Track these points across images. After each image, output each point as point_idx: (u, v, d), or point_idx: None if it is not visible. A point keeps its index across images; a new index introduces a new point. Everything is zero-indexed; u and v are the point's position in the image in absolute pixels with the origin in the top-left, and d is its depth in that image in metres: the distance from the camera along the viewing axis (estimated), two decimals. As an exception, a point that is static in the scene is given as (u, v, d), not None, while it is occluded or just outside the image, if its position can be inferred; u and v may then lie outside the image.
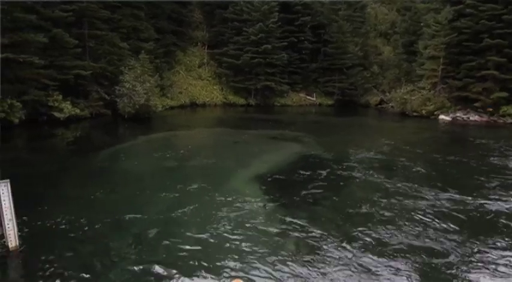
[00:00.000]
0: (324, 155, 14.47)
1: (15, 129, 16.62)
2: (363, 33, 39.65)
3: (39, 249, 6.47)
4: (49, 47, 18.44)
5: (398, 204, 8.88)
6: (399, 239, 7.09)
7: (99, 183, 10.56)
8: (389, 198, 9.27)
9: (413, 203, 8.99)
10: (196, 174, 11.84)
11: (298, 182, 10.85)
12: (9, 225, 6.18)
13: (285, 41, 32.76)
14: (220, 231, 7.35)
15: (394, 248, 6.75)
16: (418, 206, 8.80)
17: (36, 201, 8.42)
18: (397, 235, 7.27)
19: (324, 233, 7.36)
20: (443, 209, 8.62)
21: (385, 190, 10.01)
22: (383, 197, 9.38)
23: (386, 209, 8.57)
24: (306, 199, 9.50)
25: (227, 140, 17.70)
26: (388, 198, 9.27)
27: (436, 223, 7.81)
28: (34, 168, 11.59)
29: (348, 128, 23.18)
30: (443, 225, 7.68)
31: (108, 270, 5.98)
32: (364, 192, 9.93)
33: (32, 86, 17.68)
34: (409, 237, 7.15)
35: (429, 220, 7.95)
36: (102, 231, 7.34)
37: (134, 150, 15.01)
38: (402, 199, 9.22)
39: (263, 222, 7.91)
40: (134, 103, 20.26)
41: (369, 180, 11.12)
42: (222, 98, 32.31)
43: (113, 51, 22.20)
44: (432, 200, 9.18)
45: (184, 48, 33.03)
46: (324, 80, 36.47)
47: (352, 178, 11.34)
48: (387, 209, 8.61)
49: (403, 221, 7.90)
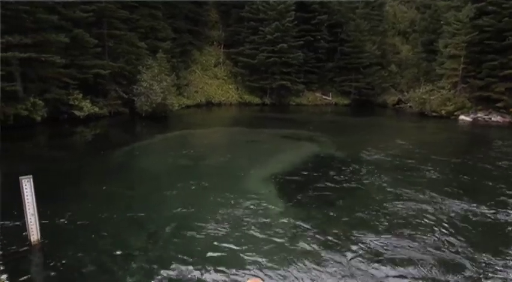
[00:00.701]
0: (339, 155, 14.34)
1: (37, 127, 17.14)
2: (381, 31, 38.99)
3: (59, 243, 6.67)
4: (70, 47, 18.91)
5: (411, 210, 8.57)
6: (410, 248, 6.78)
7: (117, 180, 10.79)
8: (402, 203, 9.01)
9: (427, 209, 8.64)
10: (211, 172, 11.93)
11: (313, 182, 10.79)
12: (31, 219, 6.39)
13: (301, 40, 32.58)
14: (234, 230, 7.39)
15: (404, 257, 6.46)
16: (431, 212, 8.46)
17: (56, 197, 8.67)
18: (409, 244, 6.92)
19: (337, 236, 7.30)
20: (457, 218, 8.19)
21: (399, 194, 9.72)
22: (397, 201, 9.12)
23: (399, 215, 8.31)
24: (319, 199, 9.45)
25: (242, 139, 17.75)
26: (402, 203, 9.01)
27: (449, 233, 7.45)
28: (55, 165, 11.92)
29: (364, 128, 22.87)
30: (457, 236, 7.28)
31: (124, 266, 6.10)
32: (377, 195, 9.68)
33: (54, 84, 18.19)
34: (421, 247, 6.80)
35: (443, 229, 7.57)
36: (119, 227, 7.50)
37: (151, 148, 15.24)
38: (416, 204, 8.92)
39: (277, 222, 7.90)
40: (151, 102, 20.56)
41: (384, 182, 10.88)
42: (238, 97, 32.41)
43: (131, 51, 22.59)
44: (446, 208, 8.77)
45: (200, 48, 33.30)
46: (340, 79, 36.10)
47: (367, 180, 11.16)
48: (400, 214, 8.34)
49: (416, 229, 7.57)
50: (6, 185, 9.94)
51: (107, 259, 6.30)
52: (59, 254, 6.33)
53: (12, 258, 6.07)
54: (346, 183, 10.68)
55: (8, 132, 15.21)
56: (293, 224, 7.85)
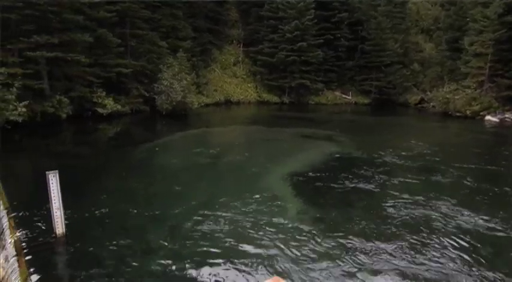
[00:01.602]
0: (358, 155, 14.14)
1: (62, 124, 17.73)
2: (403, 29, 38.08)
3: (82, 237, 6.89)
4: (94, 46, 19.45)
5: (427, 219, 8.05)
6: (418, 263, 6.32)
7: (138, 176, 11.04)
8: (419, 210, 8.60)
9: (443, 219, 8.05)
10: (230, 170, 12.03)
11: (331, 181, 10.69)
12: (57, 213, 6.63)
13: (321, 38, 32.27)
14: (251, 229, 7.43)
15: (418, 273, 6.07)
16: (448, 223, 7.85)
17: (80, 192, 8.96)
18: (423, 259, 6.42)
19: (353, 238, 7.21)
20: (471, 231, 7.50)
21: (417, 199, 9.25)
22: (413, 207, 8.77)
23: (412, 223, 7.88)
24: (337, 200, 9.37)
25: (260, 138, 17.78)
26: (418, 209, 8.61)
27: (460, 247, 6.80)
28: (79, 161, 12.31)
29: (385, 128, 22.45)
30: (474, 255, 6.55)
31: (144, 260, 6.25)
32: (395, 199, 9.33)
33: (78, 83, 18.76)
34: (434, 265, 6.25)
35: (455, 243, 6.92)
36: (139, 222, 7.67)
37: (171, 145, 15.50)
38: (432, 213, 8.32)
39: (294, 221, 7.89)
40: (171, 100, 20.88)
41: (402, 185, 10.60)
42: (256, 96, 32.44)
43: (153, 50, 23.00)
44: (464, 219, 8.13)
45: (220, 47, 33.52)
46: (361, 78, 35.52)
47: (386, 182, 10.91)
48: (414, 222, 7.90)
49: (430, 241, 7.04)
50: (33, 179, 10.37)
51: (127, 253, 6.47)
52: (82, 247, 6.55)
53: (38, 249, 6.32)
54: (364, 184, 10.51)
55: (35, 129, 15.84)
56: (310, 224, 7.81)
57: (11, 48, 16.04)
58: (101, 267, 5.97)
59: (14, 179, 10.15)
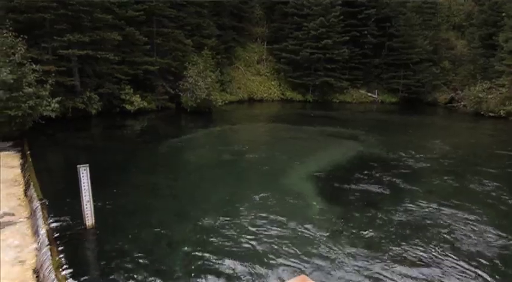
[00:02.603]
0: (383, 156, 13.84)
1: (92, 120, 18.37)
2: (434, 25, 36.71)
3: (110, 229, 7.15)
4: (122, 44, 19.98)
5: (450, 229, 7.57)
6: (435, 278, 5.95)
7: (163, 171, 11.30)
8: (442, 217, 8.14)
9: (469, 232, 7.45)
10: (253, 168, 12.08)
11: (354, 181, 10.53)
12: (87, 205, 6.91)
13: (347, 35, 31.65)
14: (274, 226, 7.45)
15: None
16: (469, 235, 7.34)
17: (108, 186, 9.26)
18: (433, 272, 6.04)
19: (377, 240, 7.09)
20: (494, 250, 6.83)
21: (443, 205, 8.80)
22: (439, 212, 8.36)
23: (433, 230, 7.43)
24: (360, 200, 9.22)
25: (283, 136, 17.73)
26: (441, 217, 8.15)
27: (478, 265, 6.26)
28: (108, 155, 12.72)
29: (412, 127, 21.81)
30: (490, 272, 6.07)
31: (168, 254, 6.42)
32: (419, 202, 9.01)
33: (107, 80, 19.35)
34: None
35: (477, 265, 6.27)
36: (164, 216, 7.87)
37: (195, 142, 15.74)
38: (455, 223, 7.85)
39: (316, 220, 7.86)
40: (196, 97, 21.16)
41: (428, 189, 10.29)
42: (280, 94, 32.31)
43: (178, 48, 23.37)
44: (486, 233, 7.45)
45: (244, 44, 33.59)
46: (388, 76, 34.57)
47: (411, 184, 10.59)
48: (435, 230, 7.44)
49: (447, 253, 6.63)
50: (65, 172, 10.82)
51: (152, 245, 6.66)
52: (110, 239, 6.80)
53: (69, 240, 6.60)
54: (388, 186, 10.28)
55: (67, 124, 16.49)
56: (333, 223, 7.76)
57: (46, 47, 16.77)
58: (128, 258, 6.17)
59: (47, 172, 10.63)
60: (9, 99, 12.42)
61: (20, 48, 13.39)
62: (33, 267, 5.86)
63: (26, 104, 12.86)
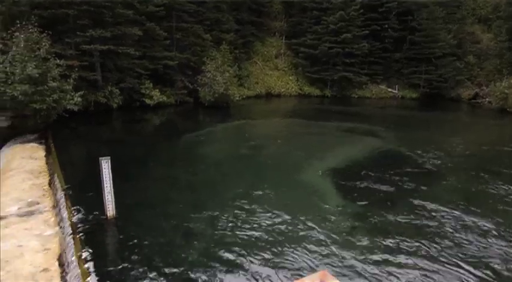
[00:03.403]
0: (402, 152, 13.55)
1: (113, 113, 18.79)
2: (458, 19, 35.44)
3: (130, 220, 7.34)
4: (142, 40, 20.27)
5: (470, 236, 7.15)
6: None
7: (182, 165, 11.48)
8: (460, 220, 7.80)
9: (492, 241, 7.02)
10: (270, 163, 12.10)
11: (371, 178, 10.39)
12: (108, 196, 7.11)
13: (367, 29, 31.00)
14: (290, 222, 7.46)
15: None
16: (494, 247, 6.83)
17: (129, 178, 9.49)
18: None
19: (394, 238, 6.99)
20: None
21: (462, 208, 8.43)
22: (458, 216, 7.97)
23: (456, 238, 7.02)
24: (378, 198, 9.09)
25: (301, 131, 17.64)
26: (459, 219, 7.82)
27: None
28: (128, 148, 13.01)
29: (433, 124, 21.25)
30: None
31: (185, 245, 6.55)
32: (439, 202, 8.69)
33: (128, 74, 19.71)
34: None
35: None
36: (182, 209, 8.01)
37: (213, 136, 15.87)
38: (478, 230, 7.39)
39: (334, 217, 7.82)
40: (214, 92, 21.28)
41: (446, 188, 10.02)
42: (297, 89, 32.07)
43: (197, 43, 23.52)
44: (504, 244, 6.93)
45: (262, 39, 33.44)
46: (409, 71, 33.70)
47: (431, 182, 10.37)
48: (457, 237, 7.06)
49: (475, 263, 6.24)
50: (87, 164, 11.14)
51: (171, 236, 6.81)
52: (130, 229, 6.99)
53: (91, 229, 6.83)
54: (407, 183, 10.09)
55: (89, 117, 16.93)
56: (350, 221, 7.70)
57: (69, 42, 17.20)
58: (147, 248, 6.34)
59: (70, 163, 10.97)
60: (35, 93, 12.83)
61: (44, 43, 13.79)
62: (57, 255, 6.10)
63: (51, 98, 13.27)
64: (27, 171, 9.83)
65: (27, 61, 12.82)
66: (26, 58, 12.89)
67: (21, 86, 12.44)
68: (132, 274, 5.63)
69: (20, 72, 12.58)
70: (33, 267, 5.66)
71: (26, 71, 12.55)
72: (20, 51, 13.01)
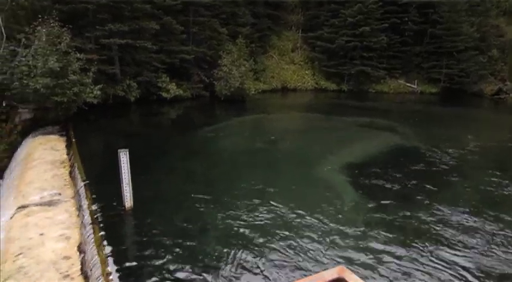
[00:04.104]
0: (420, 149, 13.27)
1: (131, 106, 19.10)
2: (482, 11, 34.21)
3: (147, 211, 7.48)
4: (160, 34, 20.43)
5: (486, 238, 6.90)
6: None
7: (198, 158, 11.60)
8: (478, 221, 7.52)
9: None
10: (285, 157, 12.08)
11: (389, 175, 10.23)
12: (126, 188, 7.26)
13: (386, 22, 30.34)
14: (305, 218, 7.45)
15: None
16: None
17: (146, 170, 9.65)
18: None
19: (411, 236, 6.90)
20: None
21: (482, 211, 8.06)
22: (477, 220, 7.63)
23: (476, 244, 6.67)
24: (395, 194, 8.95)
25: (317, 126, 17.52)
26: (478, 221, 7.55)
27: None
28: (146, 141, 13.22)
29: (454, 120, 20.72)
30: None
31: (199, 236, 6.64)
32: (457, 203, 8.44)
33: (146, 68, 19.94)
34: None
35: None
36: (198, 201, 8.10)
37: (229, 130, 15.94)
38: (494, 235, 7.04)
39: (350, 214, 7.78)
40: (230, 86, 21.32)
41: (466, 187, 9.74)
42: (314, 83, 31.75)
43: (213, 37, 23.54)
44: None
45: (278, 32, 33.18)
46: (429, 65, 32.86)
47: (449, 180, 10.12)
48: (478, 244, 6.69)
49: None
50: (106, 156, 11.39)
51: (186, 228, 6.92)
52: (147, 220, 7.13)
53: (109, 220, 7.00)
54: (425, 181, 9.88)
55: (108, 110, 17.26)
56: (367, 216, 7.63)
57: (89, 36, 17.52)
58: (163, 239, 6.47)
59: (90, 155, 11.23)
60: (56, 86, 13.14)
61: (65, 37, 14.06)
62: (77, 244, 6.29)
63: (71, 91, 13.57)
64: (49, 162, 10.14)
65: (48, 55, 13.12)
66: (47, 52, 13.19)
67: (43, 79, 12.76)
68: (148, 262, 5.77)
69: (42, 66, 12.89)
70: (55, 254, 5.86)
71: (47, 65, 12.85)
72: (42, 45, 13.32)
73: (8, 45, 14.04)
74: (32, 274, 5.32)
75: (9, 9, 15.40)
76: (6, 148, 12.95)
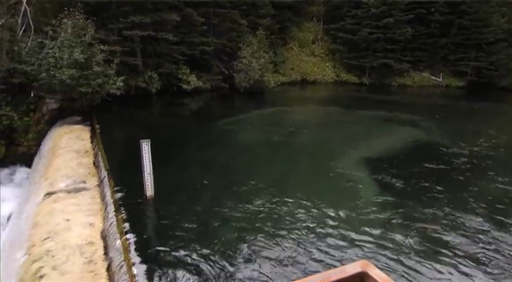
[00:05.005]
0: (445, 145, 12.91)
1: (152, 98, 19.42)
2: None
3: (168, 200, 7.65)
4: (180, 25, 20.56)
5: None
6: None
7: (217, 149, 11.72)
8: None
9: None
10: (304, 150, 12.03)
11: (411, 170, 10.03)
12: (147, 177, 7.43)
13: (411, 13, 29.39)
14: (324, 212, 7.42)
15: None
16: None
17: (167, 160, 9.83)
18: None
19: (434, 231, 6.77)
20: None
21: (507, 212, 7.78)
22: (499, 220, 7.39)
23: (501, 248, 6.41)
24: (417, 190, 8.77)
25: (337, 119, 17.31)
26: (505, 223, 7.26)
27: None
28: (167, 132, 13.44)
29: (481, 115, 19.99)
30: None
31: (218, 227, 6.75)
32: (483, 200, 8.21)
33: (167, 60, 20.18)
34: None
35: None
36: (217, 192, 8.22)
37: (248, 122, 15.98)
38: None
39: (370, 206, 7.69)
40: (249, 78, 21.29)
41: (492, 186, 9.30)
42: (334, 76, 31.27)
43: (233, 28, 23.49)
44: None
45: (299, 24, 32.75)
46: (455, 57, 31.67)
47: (474, 179, 9.77)
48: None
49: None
50: (128, 146, 11.67)
51: (205, 218, 7.04)
52: (167, 209, 7.30)
53: (131, 208, 7.20)
54: (448, 178, 9.63)
55: (130, 101, 17.62)
56: (387, 210, 7.53)
57: (112, 28, 17.85)
58: (183, 228, 6.61)
59: (113, 145, 11.54)
60: (81, 77, 13.49)
61: (89, 29, 14.38)
62: (101, 230, 6.51)
63: (95, 82, 13.91)
64: (74, 151, 10.49)
65: (74, 46, 13.47)
66: (73, 44, 13.54)
67: (68, 70, 13.13)
68: (168, 249, 5.92)
69: (68, 57, 13.26)
70: (80, 240, 6.09)
71: (73, 56, 13.20)
72: (68, 37, 13.67)
73: (36, 38, 14.48)
74: (58, 258, 5.56)
75: (37, 3, 15.85)
76: (35, 136, 13.48)
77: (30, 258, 5.62)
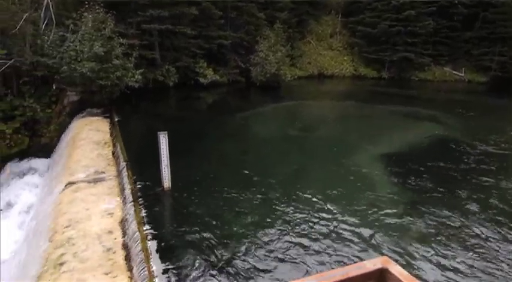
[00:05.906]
0: (466, 142, 12.52)
1: (170, 91, 19.62)
2: (544, -8, 31.20)
3: (184, 192, 7.75)
4: (198, 19, 20.61)
5: None
6: None
7: (233, 142, 11.78)
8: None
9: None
10: (320, 145, 11.94)
11: (428, 167, 9.79)
12: (165, 169, 7.54)
13: (433, 5, 28.51)
14: (340, 207, 7.37)
15: None
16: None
17: (184, 153, 9.96)
18: None
19: (450, 231, 6.61)
20: None
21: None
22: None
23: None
24: (435, 187, 8.56)
25: (354, 114, 17.08)
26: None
27: None
28: (184, 125, 13.58)
29: (505, 112, 19.30)
30: None
31: (233, 220, 6.79)
32: (502, 200, 7.92)
33: (184, 54, 20.31)
34: None
35: None
36: (232, 185, 8.26)
37: (264, 116, 15.97)
38: None
39: (387, 203, 7.59)
40: (266, 72, 21.20)
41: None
42: (352, 70, 30.78)
43: (251, 22, 23.39)
44: None
45: (317, 17, 32.30)
46: (479, 52, 30.60)
47: (495, 178, 9.37)
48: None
49: None
50: (146, 138, 11.85)
51: (221, 210, 7.10)
52: (184, 201, 7.40)
53: (149, 199, 7.33)
54: (466, 176, 9.34)
55: (148, 94, 17.86)
56: (404, 207, 7.42)
57: (131, 22, 18.05)
58: (199, 219, 6.70)
59: (131, 137, 11.74)
60: (100, 70, 13.74)
61: (109, 23, 14.58)
62: (120, 220, 6.66)
63: (114, 75, 14.14)
64: (94, 142, 10.74)
65: (94, 40, 13.70)
66: (93, 37, 13.77)
67: (89, 63, 13.38)
68: (185, 239, 6.01)
69: (88, 51, 13.51)
70: (100, 229, 6.25)
71: (93, 49, 13.44)
72: (88, 30, 13.92)
73: (58, 31, 14.79)
74: (79, 246, 5.73)
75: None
76: (56, 128, 13.87)
77: (52, 245, 5.81)
